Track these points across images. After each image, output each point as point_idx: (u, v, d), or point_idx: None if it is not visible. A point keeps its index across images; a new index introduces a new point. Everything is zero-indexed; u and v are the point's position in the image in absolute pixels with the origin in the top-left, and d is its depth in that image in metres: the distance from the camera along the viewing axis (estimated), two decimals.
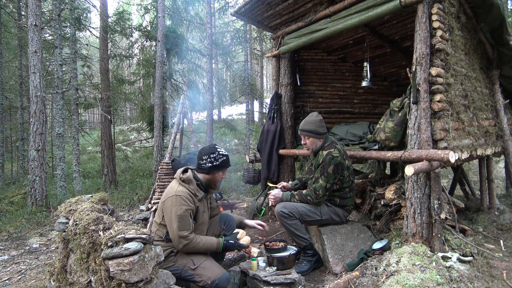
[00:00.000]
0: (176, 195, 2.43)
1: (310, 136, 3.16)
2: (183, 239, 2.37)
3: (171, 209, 2.40)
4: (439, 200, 2.88)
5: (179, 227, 2.36)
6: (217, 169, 2.62)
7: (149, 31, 10.23)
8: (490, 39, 4.00)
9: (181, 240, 2.36)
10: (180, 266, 2.45)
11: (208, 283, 2.36)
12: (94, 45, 12.59)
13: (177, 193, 2.44)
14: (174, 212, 2.38)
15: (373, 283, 2.47)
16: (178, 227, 2.36)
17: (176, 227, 2.36)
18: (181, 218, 2.38)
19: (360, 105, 5.73)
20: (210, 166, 2.60)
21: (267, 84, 30.88)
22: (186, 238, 2.37)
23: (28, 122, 9.67)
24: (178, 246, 2.39)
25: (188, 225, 2.41)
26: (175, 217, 2.37)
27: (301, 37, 4.33)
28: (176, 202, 2.40)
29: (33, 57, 6.26)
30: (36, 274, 3.52)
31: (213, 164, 2.60)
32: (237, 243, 2.59)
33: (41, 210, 6.12)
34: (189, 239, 2.38)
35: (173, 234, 2.39)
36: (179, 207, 2.39)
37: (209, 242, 2.49)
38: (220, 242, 2.52)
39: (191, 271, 2.42)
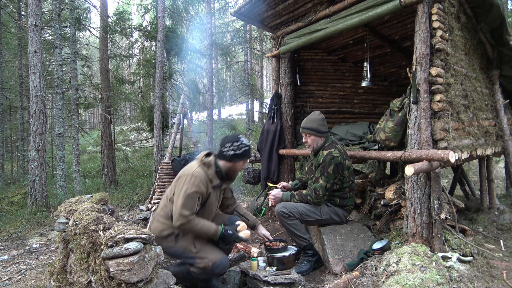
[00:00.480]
0: (193, 175, 2.46)
1: (312, 134, 3.16)
2: (182, 217, 2.38)
3: (182, 186, 2.43)
4: (439, 200, 2.88)
5: (183, 205, 2.39)
6: (238, 158, 2.61)
7: (149, 31, 10.23)
8: (490, 39, 4.00)
9: (180, 218, 2.38)
10: (180, 248, 2.48)
11: (209, 264, 2.41)
12: (94, 45, 12.59)
13: (194, 173, 2.47)
14: (185, 190, 2.41)
15: (373, 283, 2.47)
16: (182, 204, 2.38)
17: (180, 204, 2.39)
18: (188, 197, 2.40)
19: (360, 105, 5.73)
20: (232, 154, 2.59)
21: (267, 84, 30.87)
22: (186, 217, 2.38)
23: (28, 122, 9.67)
24: (175, 223, 2.40)
25: (192, 206, 2.42)
26: (183, 195, 2.40)
27: (301, 37, 4.33)
28: (190, 181, 2.43)
29: (33, 57, 6.26)
30: (36, 274, 3.52)
31: (235, 152, 2.59)
32: (235, 235, 2.54)
33: (41, 210, 6.12)
34: (188, 219, 2.39)
35: (175, 209, 2.41)
36: (191, 186, 2.42)
37: (207, 227, 2.47)
38: (218, 230, 2.48)
39: (192, 254, 2.46)
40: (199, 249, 2.48)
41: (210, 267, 2.41)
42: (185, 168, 2.61)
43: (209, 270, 2.43)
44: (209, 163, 2.58)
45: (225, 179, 2.69)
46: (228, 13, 11.87)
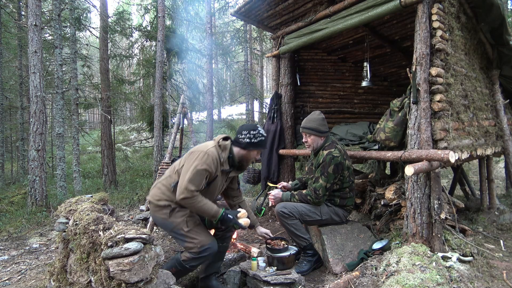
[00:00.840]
0: (206, 152, 2.45)
1: (312, 134, 3.16)
2: (187, 191, 2.35)
3: (193, 161, 2.42)
4: (439, 200, 2.88)
5: (191, 179, 2.36)
6: (253, 147, 2.61)
7: (149, 31, 10.23)
8: (490, 39, 4.00)
9: (184, 191, 2.35)
10: (172, 223, 2.48)
11: (197, 246, 2.42)
12: (94, 45, 12.59)
13: (208, 152, 2.46)
14: (195, 165, 2.39)
15: (373, 283, 2.47)
16: (190, 179, 2.36)
17: (188, 178, 2.36)
18: (197, 173, 2.38)
19: (360, 105, 5.73)
20: (248, 142, 2.59)
21: (267, 84, 30.87)
22: (191, 192, 2.35)
23: (28, 122, 9.67)
24: (179, 196, 2.37)
25: (199, 183, 2.40)
26: (193, 170, 2.38)
27: (301, 37, 4.33)
28: (202, 158, 2.42)
29: (33, 57, 6.26)
30: (36, 274, 3.52)
31: (251, 141, 2.59)
32: (235, 220, 2.53)
33: (41, 210, 6.12)
34: (193, 194, 2.37)
35: (181, 182, 2.38)
36: (202, 163, 2.40)
37: (209, 206, 2.45)
38: (219, 212, 2.47)
39: (183, 232, 2.46)
40: (190, 229, 2.47)
41: (197, 249, 2.42)
42: (200, 145, 2.60)
43: (196, 253, 2.43)
44: (225, 146, 2.57)
45: (235, 167, 2.69)
46: (228, 13, 11.86)
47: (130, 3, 13.34)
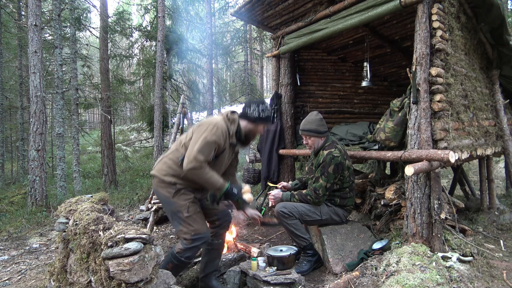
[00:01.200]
0: (216, 125, 2.43)
1: (312, 136, 3.15)
2: (195, 161, 2.31)
3: (203, 133, 2.39)
4: (439, 200, 2.88)
5: (200, 149, 2.33)
6: (261, 121, 2.63)
7: (149, 31, 10.24)
8: (490, 39, 4.00)
9: (193, 161, 2.31)
10: (175, 204, 2.48)
11: (191, 234, 2.44)
12: (94, 45, 12.59)
13: (217, 124, 2.44)
14: (205, 136, 2.37)
15: (373, 283, 2.47)
16: (199, 149, 2.33)
17: (197, 149, 2.33)
18: (207, 144, 2.36)
19: (360, 105, 5.73)
20: (257, 116, 2.59)
21: (267, 84, 30.86)
22: (199, 162, 2.32)
23: (28, 122, 9.67)
24: (187, 165, 2.32)
25: (208, 154, 2.38)
26: (202, 140, 2.36)
27: (301, 37, 4.33)
28: (212, 130, 2.40)
29: (33, 57, 6.26)
30: (36, 274, 3.52)
31: (260, 115, 2.60)
32: (240, 195, 2.56)
33: (41, 210, 6.12)
34: (201, 164, 2.34)
35: (190, 152, 2.34)
36: (212, 135, 2.38)
37: (215, 178, 2.43)
38: (224, 185, 2.46)
39: (182, 215, 2.46)
40: (190, 215, 2.47)
41: (191, 236, 2.43)
42: (208, 118, 2.56)
43: (189, 240, 2.44)
44: (233, 119, 2.56)
45: (241, 141, 2.68)
46: (228, 13, 11.86)
47: (130, 3, 13.34)
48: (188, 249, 2.47)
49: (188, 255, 2.50)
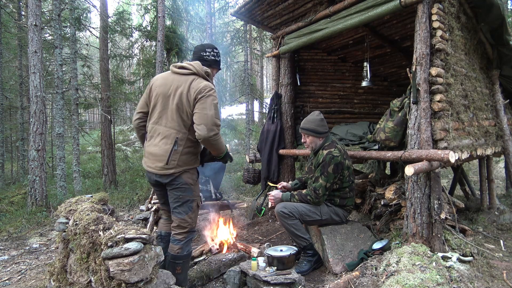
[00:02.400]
0: (212, 87, 2.40)
1: (310, 135, 3.18)
2: (216, 128, 2.31)
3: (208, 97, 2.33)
4: (439, 200, 2.88)
5: (216, 114, 2.32)
6: (216, 65, 2.63)
7: (149, 31, 10.23)
8: (490, 39, 4.00)
9: (214, 128, 2.29)
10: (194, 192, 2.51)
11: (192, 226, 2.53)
12: (94, 45, 12.58)
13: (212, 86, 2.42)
14: (211, 100, 2.33)
15: (373, 283, 2.47)
16: (215, 114, 2.31)
17: (213, 114, 2.30)
18: (216, 106, 2.35)
19: (360, 105, 5.73)
20: (213, 59, 2.59)
21: (267, 84, 30.87)
22: (218, 127, 2.33)
23: (28, 122, 9.66)
24: (208, 133, 2.27)
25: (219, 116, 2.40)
26: (212, 105, 2.32)
27: (301, 37, 4.33)
28: (213, 92, 2.38)
29: (33, 57, 6.26)
30: (36, 274, 3.52)
31: (215, 58, 2.60)
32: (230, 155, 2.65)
33: (41, 210, 6.11)
34: (219, 129, 2.35)
35: (207, 120, 2.28)
36: (215, 97, 2.37)
37: (224, 143, 2.47)
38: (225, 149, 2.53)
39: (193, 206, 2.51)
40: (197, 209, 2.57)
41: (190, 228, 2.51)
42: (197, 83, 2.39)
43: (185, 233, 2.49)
44: (207, 72, 2.50)
45: None
46: (228, 13, 11.87)
47: (130, 3, 13.34)
48: (185, 244, 2.49)
49: (188, 249, 2.53)
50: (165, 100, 2.43)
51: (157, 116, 2.46)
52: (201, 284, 2.88)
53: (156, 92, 2.47)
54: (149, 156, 2.50)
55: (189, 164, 2.47)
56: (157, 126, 2.45)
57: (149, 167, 2.49)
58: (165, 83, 2.46)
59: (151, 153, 2.47)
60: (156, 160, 2.43)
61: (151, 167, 2.47)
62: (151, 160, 2.47)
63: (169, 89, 2.42)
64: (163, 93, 2.44)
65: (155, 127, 2.47)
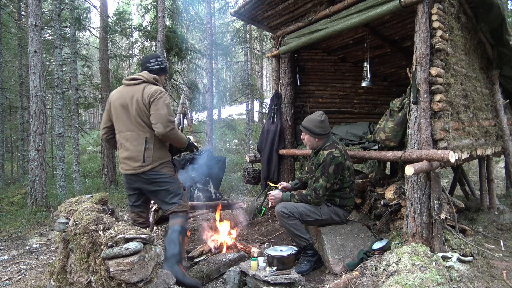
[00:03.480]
0: (161, 90, 2.69)
1: (307, 133, 3.23)
2: (171, 123, 2.59)
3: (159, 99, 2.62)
4: (439, 200, 2.88)
5: (169, 113, 2.62)
6: (163, 72, 2.93)
7: (149, 31, 10.23)
8: (490, 39, 4.00)
9: (169, 124, 2.58)
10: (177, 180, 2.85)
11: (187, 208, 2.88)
12: (94, 45, 12.58)
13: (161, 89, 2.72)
14: (163, 101, 2.62)
15: (373, 283, 2.47)
16: (168, 112, 2.61)
17: (166, 113, 2.59)
18: (168, 106, 2.64)
19: (360, 105, 5.73)
20: (158, 68, 2.88)
21: (267, 84, 30.86)
22: (173, 123, 2.63)
23: (28, 122, 9.66)
24: (165, 130, 2.56)
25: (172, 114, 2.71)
26: (164, 105, 2.61)
27: (301, 37, 4.33)
28: (164, 94, 2.68)
29: (33, 57, 6.25)
30: (36, 274, 3.52)
31: (160, 66, 2.90)
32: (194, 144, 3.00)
33: (41, 210, 6.11)
34: (174, 125, 2.65)
35: (161, 118, 2.56)
36: (166, 98, 2.67)
37: (183, 135, 2.80)
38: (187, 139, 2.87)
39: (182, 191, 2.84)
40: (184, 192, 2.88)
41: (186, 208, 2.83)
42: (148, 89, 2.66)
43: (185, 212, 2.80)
44: (156, 79, 2.81)
45: None
46: (228, 13, 11.86)
47: (130, 3, 13.33)
48: (186, 220, 2.82)
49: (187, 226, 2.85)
50: (125, 110, 2.69)
51: (122, 125, 2.72)
52: (201, 284, 2.88)
53: (114, 105, 2.73)
54: (124, 161, 2.71)
55: (163, 158, 2.76)
56: (125, 133, 2.71)
57: (127, 170, 2.70)
58: (121, 96, 2.72)
59: (126, 157, 2.70)
60: (132, 161, 2.67)
61: (130, 169, 2.68)
62: (127, 164, 2.69)
63: (125, 99, 2.69)
64: (122, 104, 2.69)
65: (122, 134, 2.73)
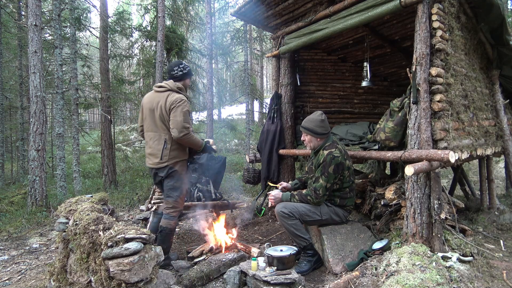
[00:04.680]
0: (182, 98, 3.08)
1: (308, 134, 3.21)
2: (185, 129, 2.99)
3: (178, 107, 3.02)
4: (439, 200, 2.88)
5: (185, 119, 3.01)
6: (186, 76, 3.33)
7: (149, 31, 10.23)
8: (490, 39, 4.00)
9: (183, 130, 2.98)
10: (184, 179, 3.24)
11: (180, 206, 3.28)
12: (94, 45, 12.58)
13: (181, 97, 3.09)
14: (181, 109, 3.02)
15: (373, 283, 2.47)
16: (184, 119, 3.00)
17: (182, 119, 2.99)
18: (185, 114, 3.04)
19: (360, 105, 5.73)
20: (181, 73, 3.27)
21: (267, 84, 30.85)
22: (187, 129, 3.02)
23: (28, 122, 9.66)
24: (179, 134, 2.98)
25: (189, 120, 3.12)
26: (182, 113, 3.01)
27: (301, 37, 4.33)
28: (183, 103, 3.06)
29: (33, 57, 6.25)
30: (36, 274, 3.52)
31: (183, 72, 3.29)
32: (211, 148, 3.41)
33: (41, 210, 6.11)
34: (189, 130, 3.04)
35: (177, 124, 2.98)
36: (184, 106, 3.05)
37: (198, 139, 3.21)
38: (203, 142, 3.29)
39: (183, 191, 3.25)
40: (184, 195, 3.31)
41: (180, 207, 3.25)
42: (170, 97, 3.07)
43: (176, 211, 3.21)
44: (181, 87, 3.22)
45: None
46: (228, 13, 11.86)
47: (130, 3, 13.33)
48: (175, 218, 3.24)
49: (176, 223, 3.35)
50: (152, 113, 3.15)
51: (148, 125, 3.20)
52: (201, 284, 2.88)
53: (144, 108, 3.23)
54: (148, 156, 3.24)
55: (178, 157, 3.16)
56: (150, 133, 3.19)
57: (150, 164, 3.23)
58: (150, 100, 3.19)
59: (149, 153, 3.21)
60: (153, 157, 3.16)
61: (151, 164, 3.20)
62: (150, 159, 3.21)
63: (152, 104, 3.14)
64: (150, 108, 3.17)
65: (148, 134, 3.22)
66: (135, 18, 16.41)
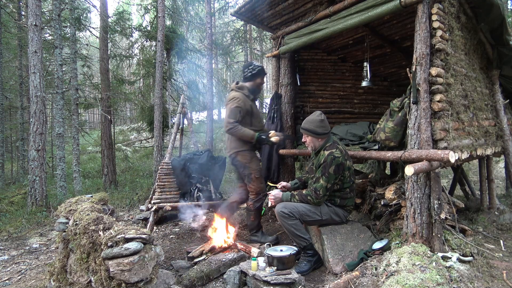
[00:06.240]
0: (234, 97, 3.57)
1: (309, 135, 3.20)
2: (228, 124, 3.48)
3: (228, 104, 3.57)
4: (439, 200, 2.88)
5: (229, 115, 3.50)
6: (255, 76, 3.76)
7: (149, 31, 10.23)
8: (490, 39, 4.00)
9: (227, 124, 3.49)
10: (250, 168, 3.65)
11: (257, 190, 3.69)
12: (94, 45, 12.58)
13: (235, 96, 3.58)
14: (230, 106, 3.52)
15: (373, 283, 2.47)
16: (228, 115, 3.51)
17: (227, 115, 3.52)
18: (231, 110, 3.49)
19: (360, 105, 5.72)
20: (250, 74, 3.73)
21: (267, 84, 30.79)
22: (231, 123, 3.47)
23: (28, 122, 9.66)
24: (225, 128, 3.54)
25: (235, 116, 3.50)
26: (229, 109, 3.52)
27: (301, 37, 4.32)
28: (234, 100, 3.54)
29: (33, 57, 6.26)
30: (36, 274, 3.52)
31: (252, 73, 3.73)
32: (267, 138, 3.64)
33: (41, 210, 6.11)
34: (233, 124, 3.48)
35: (225, 120, 3.54)
36: (234, 104, 3.52)
37: (247, 132, 3.54)
38: (255, 134, 3.57)
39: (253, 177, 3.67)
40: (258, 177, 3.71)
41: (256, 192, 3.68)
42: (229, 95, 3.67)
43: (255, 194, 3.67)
44: (241, 86, 3.72)
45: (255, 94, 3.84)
46: (228, 13, 11.86)
47: (130, 3, 13.33)
48: (256, 201, 3.69)
49: (258, 205, 3.72)
50: None
51: None
52: (201, 284, 2.88)
53: None
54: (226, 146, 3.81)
55: (237, 148, 3.62)
56: None
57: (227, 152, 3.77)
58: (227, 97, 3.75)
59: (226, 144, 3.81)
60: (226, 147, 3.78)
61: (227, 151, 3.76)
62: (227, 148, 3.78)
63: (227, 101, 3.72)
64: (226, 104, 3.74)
65: None
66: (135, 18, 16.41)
